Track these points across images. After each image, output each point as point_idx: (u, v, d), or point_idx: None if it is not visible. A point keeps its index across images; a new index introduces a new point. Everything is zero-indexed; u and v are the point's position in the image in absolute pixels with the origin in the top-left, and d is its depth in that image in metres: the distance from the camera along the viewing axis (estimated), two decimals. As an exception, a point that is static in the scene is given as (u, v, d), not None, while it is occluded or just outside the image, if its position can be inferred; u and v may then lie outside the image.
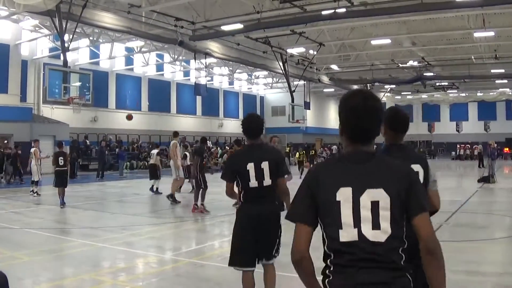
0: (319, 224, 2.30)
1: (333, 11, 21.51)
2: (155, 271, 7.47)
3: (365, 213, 2.20)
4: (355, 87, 45.76)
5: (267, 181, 4.97)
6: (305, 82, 39.59)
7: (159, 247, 9.35)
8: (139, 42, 30.57)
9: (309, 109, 42.36)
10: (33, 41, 31.11)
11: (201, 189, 13.68)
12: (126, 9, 23.29)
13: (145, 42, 30.81)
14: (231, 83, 51.80)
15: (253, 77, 48.52)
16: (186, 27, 25.92)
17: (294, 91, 37.79)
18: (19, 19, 25.52)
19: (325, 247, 2.29)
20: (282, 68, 33.74)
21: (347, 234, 2.20)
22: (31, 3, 18.67)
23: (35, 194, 17.70)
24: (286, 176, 5.32)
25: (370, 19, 24.86)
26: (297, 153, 31.43)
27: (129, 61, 39.39)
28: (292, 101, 38.23)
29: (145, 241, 9.93)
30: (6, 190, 20.54)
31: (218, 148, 41.28)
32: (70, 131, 32.54)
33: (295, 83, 38.45)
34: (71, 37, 22.66)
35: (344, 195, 2.23)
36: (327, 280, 2.26)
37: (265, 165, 4.97)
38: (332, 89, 51.13)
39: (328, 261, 2.27)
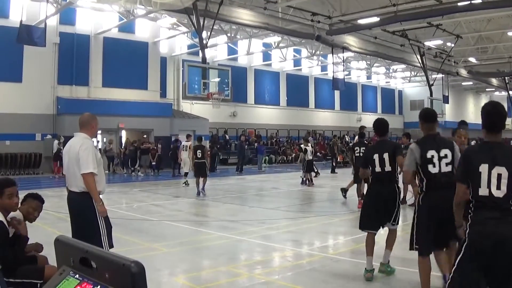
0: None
1: (469, 2, 21.54)
2: (291, 265, 7.51)
3: (493, 180, 3.77)
4: (494, 80, 46.51)
5: (388, 168, 6.63)
6: (443, 75, 39.62)
7: (295, 241, 9.38)
8: (276, 37, 31.57)
9: (448, 103, 42.39)
10: (171, 39, 32.97)
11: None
12: (263, 5, 23.97)
13: (282, 38, 31.52)
14: (369, 77, 51.20)
15: (391, 70, 47.90)
16: (323, 21, 26.42)
17: (432, 84, 37.51)
18: (156, 18, 27.21)
19: (471, 197, 3.90)
20: (420, 61, 33.53)
21: (483, 190, 3.81)
22: (168, 1, 19.68)
23: (184, 185, 19.75)
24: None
25: (506, 10, 24.68)
26: None
27: (266, 56, 40.28)
28: (431, 95, 37.84)
29: (282, 235, 10.03)
30: (146, 183, 21.93)
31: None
32: (209, 126, 34.01)
33: (433, 76, 38.47)
34: (209, 34, 23.74)
35: (483, 168, 3.82)
36: (469, 215, 3.90)
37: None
38: (471, 82, 50.91)
39: (471, 204, 3.90)
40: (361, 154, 12.43)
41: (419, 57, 33.14)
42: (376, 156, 6.59)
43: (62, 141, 23.47)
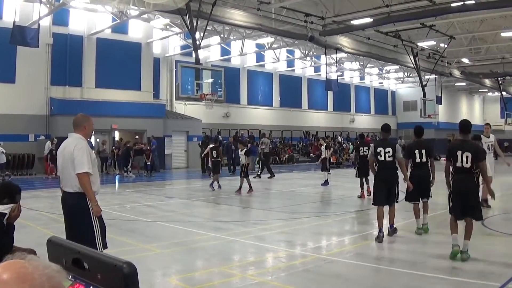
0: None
1: (462, 3, 21.67)
2: (284, 266, 7.52)
3: (464, 159, 7.39)
4: (487, 81, 46.76)
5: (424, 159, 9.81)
6: (436, 76, 39.85)
7: (288, 242, 9.40)
8: (269, 38, 31.62)
9: (441, 103, 42.37)
10: (164, 39, 32.99)
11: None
12: (256, 6, 23.96)
13: (276, 38, 31.54)
14: (362, 78, 51.36)
15: (384, 71, 48.11)
16: (316, 22, 26.54)
17: (425, 85, 37.59)
18: (150, 18, 27.19)
19: (452, 167, 7.63)
20: (413, 62, 33.70)
21: (458, 164, 7.45)
22: (161, 2, 19.67)
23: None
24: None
25: (499, 11, 24.77)
26: None
27: (260, 57, 40.34)
28: (424, 95, 37.75)
29: (275, 235, 10.04)
30: (140, 184, 21.90)
31: (350, 144, 40.67)
32: (202, 126, 34.04)
33: (426, 77, 38.66)
34: (202, 34, 23.74)
35: (459, 153, 7.46)
36: (451, 178, 7.65)
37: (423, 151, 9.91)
38: (464, 83, 51.15)
39: (452, 171, 7.64)
40: (365, 153, 14.51)
41: (412, 58, 33.27)
42: (417, 151, 9.76)
43: (55, 142, 23.40)
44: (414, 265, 7.30)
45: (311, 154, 40.26)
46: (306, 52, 35.21)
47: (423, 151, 9.70)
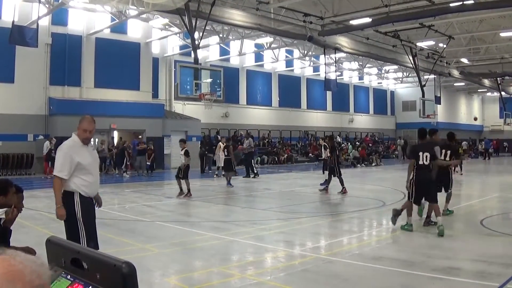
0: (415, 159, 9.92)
1: (461, 3, 21.75)
2: (283, 266, 7.52)
3: (424, 157, 9.80)
4: (486, 81, 46.91)
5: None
6: (435, 76, 39.76)
7: (287, 242, 9.40)
8: (268, 38, 31.64)
9: (440, 103, 42.29)
10: (163, 39, 32.98)
11: None
12: (255, 6, 23.96)
13: (274, 38, 31.58)
14: (361, 78, 51.37)
15: (383, 71, 48.06)
16: (315, 22, 26.60)
17: (424, 85, 37.65)
18: (149, 18, 27.20)
19: (415, 164, 9.83)
20: (412, 62, 33.85)
21: (421, 161, 9.78)
22: (160, 2, 19.67)
23: (216, 176, 24.02)
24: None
25: (498, 11, 24.82)
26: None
27: (259, 57, 40.37)
28: (423, 95, 37.91)
29: (274, 235, 10.06)
30: (139, 184, 21.88)
31: (349, 144, 40.66)
32: (201, 126, 34.04)
33: (425, 77, 38.57)
34: (201, 34, 23.73)
35: (420, 153, 9.87)
36: (415, 171, 9.86)
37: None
38: (463, 83, 51.21)
39: (415, 168, 9.83)
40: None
41: (411, 57, 33.35)
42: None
43: (54, 142, 23.38)
44: (413, 265, 7.31)
45: (310, 154, 40.30)
46: (305, 52, 35.22)
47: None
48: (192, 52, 23.06)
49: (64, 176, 5.66)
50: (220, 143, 21.60)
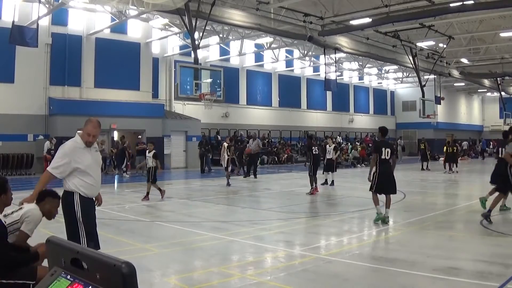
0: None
1: (461, 3, 21.81)
2: (283, 266, 7.52)
3: (386, 153, 10.81)
4: (486, 81, 46.98)
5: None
6: (435, 76, 39.93)
7: (287, 242, 9.40)
8: (268, 38, 31.69)
9: (440, 104, 42.51)
10: (163, 39, 32.99)
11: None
12: (255, 6, 23.98)
13: (274, 38, 31.63)
14: (361, 78, 51.46)
15: (383, 71, 48.16)
16: (315, 22, 26.70)
17: (424, 85, 37.76)
18: (149, 18, 27.22)
19: (377, 160, 10.84)
20: (412, 62, 33.95)
21: (384, 156, 10.80)
22: (160, 2, 19.68)
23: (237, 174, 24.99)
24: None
25: (498, 11, 24.90)
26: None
27: (259, 57, 40.41)
28: (423, 96, 37.98)
29: (274, 235, 10.05)
30: (139, 184, 21.79)
31: (349, 144, 40.65)
32: (201, 126, 34.04)
33: (425, 77, 38.68)
34: (201, 34, 23.74)
35: (383, 149, 10.86)
36: (377, 165, 10.85)
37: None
38: (463, 83, 51.36)
39: (377, 162, 10.82)
40: (317, 152, 17.85)
41: (411, 58, 33.41)
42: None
43: (54, 142, 23.37)
44: (413, 265, 7.30)
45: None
46: (305, 52, 35.27)
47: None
48: (192, 52, 23.09)
49: (56, 175, 5.70)
50: (224, 143, 21.56)
